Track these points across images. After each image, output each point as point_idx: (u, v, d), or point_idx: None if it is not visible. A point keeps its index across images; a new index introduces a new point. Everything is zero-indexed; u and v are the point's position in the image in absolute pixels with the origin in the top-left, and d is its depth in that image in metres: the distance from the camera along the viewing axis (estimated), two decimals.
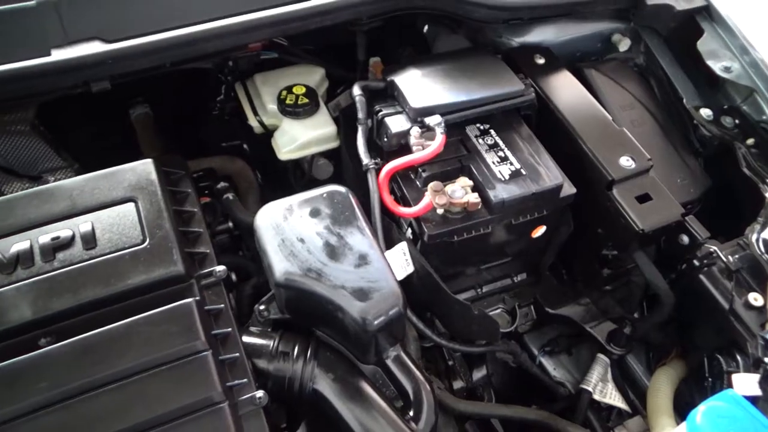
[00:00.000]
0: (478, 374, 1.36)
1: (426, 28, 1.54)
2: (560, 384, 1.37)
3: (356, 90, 1.24)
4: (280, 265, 0.97)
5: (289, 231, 1.00)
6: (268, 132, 1.46)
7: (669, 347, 1.31)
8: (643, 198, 1.19)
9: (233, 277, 1.15)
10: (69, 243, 0.95)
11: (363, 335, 0.95)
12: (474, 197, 1.11)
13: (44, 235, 0.96)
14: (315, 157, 1.51)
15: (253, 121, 1.44)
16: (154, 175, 1.05)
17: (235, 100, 1.56)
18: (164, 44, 1.08)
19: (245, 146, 1.65)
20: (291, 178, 1.60)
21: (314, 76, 1.51)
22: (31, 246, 0.94)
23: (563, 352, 1.42)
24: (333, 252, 0.99)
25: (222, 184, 1.25)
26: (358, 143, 1.19)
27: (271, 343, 1.00)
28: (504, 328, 1.37)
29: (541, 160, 1.19)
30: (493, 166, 1.17)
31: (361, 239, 1.00)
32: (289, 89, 1.43)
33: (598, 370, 1.32)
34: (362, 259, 0.98)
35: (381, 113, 1.21)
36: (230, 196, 1.22)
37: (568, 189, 1.19)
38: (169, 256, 0.96)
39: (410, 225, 1.19)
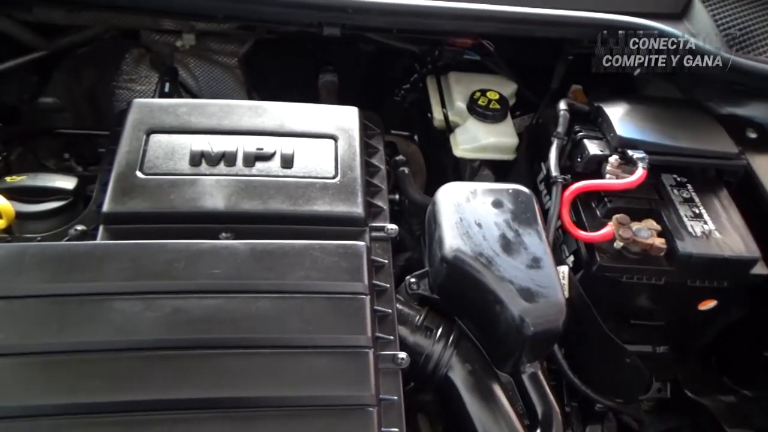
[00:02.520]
0: (592, 430, 1.26)
1: (638, 70, 1.50)
2: None
3: (562, 105, 1.23)
4: (453, 241, 0.95)
5: (469, 212, 0.99)
6: (447, 128, 1.48)
7: None
8: None
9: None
10: (269, 157, 1.01)
11: (515, 336, 0.91)
12: (660, 242, 1.04)
13: (250, 144, 1.01)
14: (482, 165, 1.50)
15: (438, 114, 1.47)
16: (356, 123, 1.09)
17: (421, 92, 1.61)
18: (403, 9, 1.13)
19: (415, 137, 1.68)
20: (450, 178, 1.60)
21: (506, 89, 1.51)
22: (237, 150, 1.00)
23: None
24: (508, 245, 0.96)
25: (400, 158, 1.27)
26: (550, 155, 1.17)
27: (417, 315, 0.99)
28: None
29: (738, 229, 1.10)
30: (685, 219, 1.10)
31: (537, 242, 0.97)
32: (483, 92, 1.44)
33: None
34: (535, 262, 0.95)
35: (580, 134, 1.18)
36: (405, 170, 1.23)
37: (761, 268, 1.09)
38: (354, 197, 0.98)
39: (575, 251, 1.15)
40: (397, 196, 1.30)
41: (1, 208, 0.92)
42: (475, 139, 1.40)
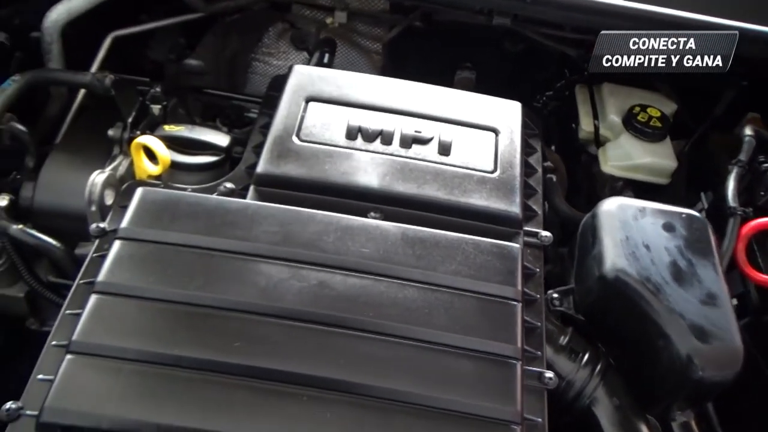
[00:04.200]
0: None
1: None
2: None
3: (748, 131, 1.10)
4: (616, 260, 0.86)
5: (637, 232, 0.89)
6: (596, 141, 1.38)
7: None
8: None
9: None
10: (427, 141, 0.95)
11: (677, 378, 0.80)
12: None
13: (408, 125, 0.97)
14: (626, 185, 1.39)
15: (587, 125, 1.37)
16: (518, 119, 1.02)
17: (565, 100, 1.51)
18: (587, 5, 1.05)
19: (552, 147, 1.59)
20: (584, 195, 1.50)
21: (666, 108, 1.39)
22: (395, 129, 0.96)
23: None
24: (679, 274, 0.85)
25: (548, 164, 1.18)
26: (728, 184, 1.05)
27: (561, 335, 0.90)
28: None
29: None
30: None
31: (713, 277, 0.86)
32: (642, 107, 1.33)
33: None
34: (710, 298, 0.84)
35: (766, 165, 1.05)
36: (554, 177, 1.15)
37: None
38: (512, 195, 0.91)
39: (741, 294, 1.02)
40: None
41: (160, 155, 0.92)
42: (629, 156, 1.28)
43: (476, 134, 0.97)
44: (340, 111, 0.98)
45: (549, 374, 0.80)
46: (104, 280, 0.76)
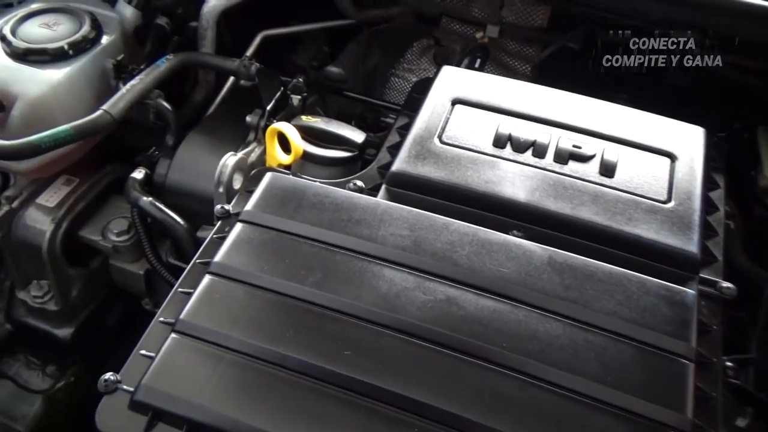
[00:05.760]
0: None
1: None
2: None
3: None
4: None
5: None
6: None
7: None
8: None
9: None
10: (586, 158, 0.82)
11: None
12: None
13: (565, 139, 0.85)
14: None
15: None
16: (701, 146, 0.86)
17: (739, 142, 1.31)
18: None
19: None
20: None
21: None
22: (549, 141, 0.84)
23: None
24: None
25: (727, 208, 1.00)
26: None
27: (739, 415, 0.72)
28: None
29: None
30: None
31: None
32: None
33: None
34: None
35: None
36: (731, 224, 0.96)
37: None
38: (688, 232, 0.75)
39: None
40: None
41: (293, 143, 0.88)
42: None
43: (647, 157, 0.83)
44: (489, 116, 0.88)
45: None
46: (220, 262, 0.71)
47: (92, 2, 1.12)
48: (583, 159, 0.82)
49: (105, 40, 1.05)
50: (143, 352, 0.67)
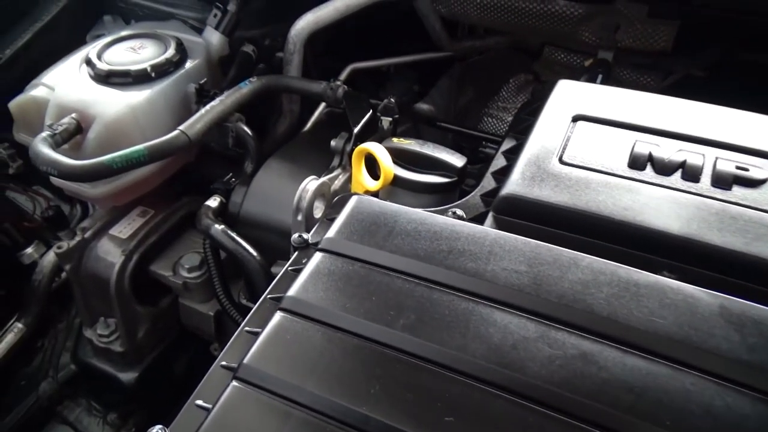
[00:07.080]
0: None
1: None
2: None
3: None
4: None
5: None
6: None
7: None
8: None
9: None
10: (757, 183, 0.65)
11: None
12: None
13: (725, 160, 0.67)
14: None
15: None
16: None
17: None
18: None
19: None
20: None
21: None
22: (704, 163, 0.67)
23: None
24: None
25: None
26: None
27: None
28: None
29: None
30: None
31: None
32: None
33: None
34: None
35: None
36: None
37: None
38: None
39: None
40: None
41: (384, 165, 0.76)
42: None
43: None
44: (620, 133, 0.72)
45: None
46: (294, 296, 0.59)
47: (182, 29, 1.09)
48: (753, 184, 0.64)
49: (189, 64, 1.00)
50: (199, 402, 0.55)
